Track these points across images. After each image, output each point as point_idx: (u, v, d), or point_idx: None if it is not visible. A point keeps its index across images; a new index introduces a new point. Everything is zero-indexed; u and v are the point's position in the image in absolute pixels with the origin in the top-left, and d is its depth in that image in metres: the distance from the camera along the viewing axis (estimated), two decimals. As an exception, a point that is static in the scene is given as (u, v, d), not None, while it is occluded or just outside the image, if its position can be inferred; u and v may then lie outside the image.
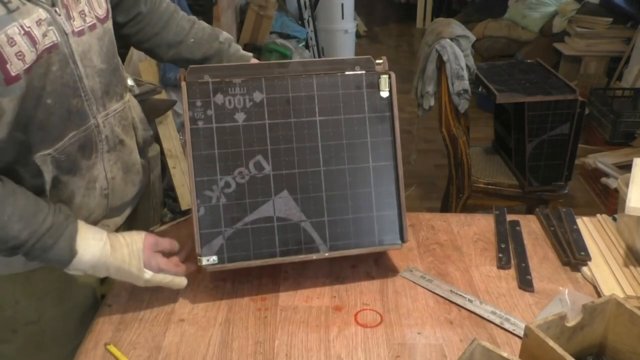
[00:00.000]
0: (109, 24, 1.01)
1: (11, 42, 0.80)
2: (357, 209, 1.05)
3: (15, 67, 0.81)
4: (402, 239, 1.07)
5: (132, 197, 1.15)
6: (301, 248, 1.04)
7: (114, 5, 1.11)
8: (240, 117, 1.02)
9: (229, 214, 1.02)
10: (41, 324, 1.03)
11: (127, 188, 1.11)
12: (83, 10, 0.93)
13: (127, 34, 1.18)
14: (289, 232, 1.04)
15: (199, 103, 1.01)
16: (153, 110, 2.69)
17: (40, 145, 0.91)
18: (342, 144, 1.05)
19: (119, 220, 1.14)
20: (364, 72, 1.06)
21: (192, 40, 1.19)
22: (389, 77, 1.07)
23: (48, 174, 0.92)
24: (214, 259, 1.02)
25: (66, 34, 0.90)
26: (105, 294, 1.08)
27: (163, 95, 2.73)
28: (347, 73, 1.06)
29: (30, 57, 0.83)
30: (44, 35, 0.85)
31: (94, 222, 1.04)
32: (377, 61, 1.08)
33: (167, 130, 2.73)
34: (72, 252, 0.90)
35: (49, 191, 0.94)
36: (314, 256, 1.05)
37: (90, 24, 0.95)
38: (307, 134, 1.04)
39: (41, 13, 0.85)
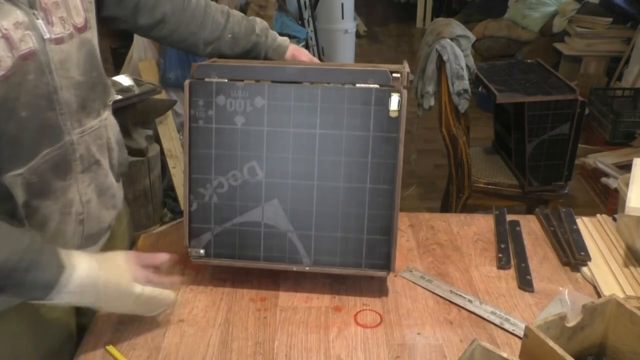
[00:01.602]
0: (88, 34, 0.93)
1: None
2: (346, 229, 1.02)
3: None
4: (389, 267, 1.02)
5: (109, 223, 1.06)
6: (285, 257, 1.05)
7: (133, 9, 1.08)
8: (239, 120, 1.01)
9: (219, 213, 1.05)
10: None
11: (102, 213, 1.02)
12: (63, 17, 0.86)
13: (160, 37, 1.15)
14: (275, 240, 1.04)
15: (201, 102, 1.01)
16: (153, 110, 2.69)
17: (10, 165, 0.82)
18: (340, 160, 1.00)
19: (95, 250, 1.04)
20: (374, 87, 0.97)
21: (229, 36, 1.15)
22: (401, 96, 0.97)
23: (19, 197, 0.84)
24: (201, 252, 1.06)
25: (44, 40, 0.82)
26: (85, 326, 1.01)
27: (163, 95, 2.73)
28: (357, 86, 0.98)
29: (6, 63, 0.76)
30: (21, 40, 0.78)
31: None
32: (394, 74, 0.98)
33: (167, 130, 2.73)
34: (60, 267, 0.80)
35: (25, 218, 0.86)
36: (294, 267, 1.05)
37: (68, 32, 0.88)
38: (305, 145, 1.00)
39: (19, 15, 0.78)
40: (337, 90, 0.98)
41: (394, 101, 0.97)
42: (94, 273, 0.84)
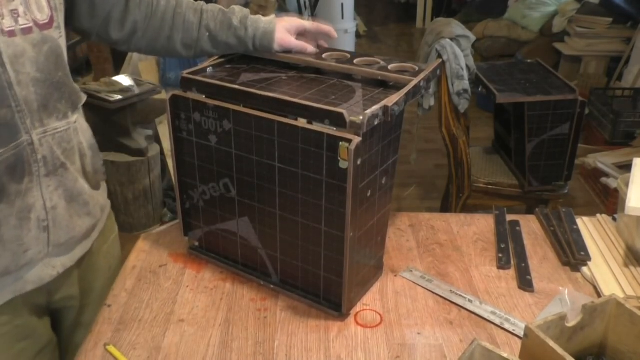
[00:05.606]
0: (54, 33, 0.89)
1: None
2: (306, 261, 1.00)
3: None
4: (341, 309, 0.99)
5: (83, 232, 1.01)
6: (257, 269, 1.09)
7: (104, 21, 1.04)
8: (213, 139, 1.00)
9: (206, 216, 1.11)
10: None
11: (73, 221, 0.96)
12: (16, 10, 0.82)
13: (138, 48, 1.11)
14: (249, 251, 1.08)
15: (183, 116, 1.03)
16: (153, 110, 2.70)
17: None
18: (297, 197, 0.95)
19: (67, 261, 0.99)
20: (326, 132, 0.87)
21: (207, 34, 1.09)
22: (348, 146, 0.84)
23: None
24: (195, 243, 1.17)
25: None
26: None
27: (163, 95, 2.73)
28: (308, 127, 0.89)
29: None
30: None
31: (33, 261, 0.93)
32: (352, 119, 0.85)
33: (167, 130, 2.73)
34: None
35: None
36: (262, 282, 1.08)
37: (24, 26, 0.83)
38: (266, 175, 0.97)
39: None
40: (290, 127, 0.91)
41: (343, 150, 0.85)
42: None
